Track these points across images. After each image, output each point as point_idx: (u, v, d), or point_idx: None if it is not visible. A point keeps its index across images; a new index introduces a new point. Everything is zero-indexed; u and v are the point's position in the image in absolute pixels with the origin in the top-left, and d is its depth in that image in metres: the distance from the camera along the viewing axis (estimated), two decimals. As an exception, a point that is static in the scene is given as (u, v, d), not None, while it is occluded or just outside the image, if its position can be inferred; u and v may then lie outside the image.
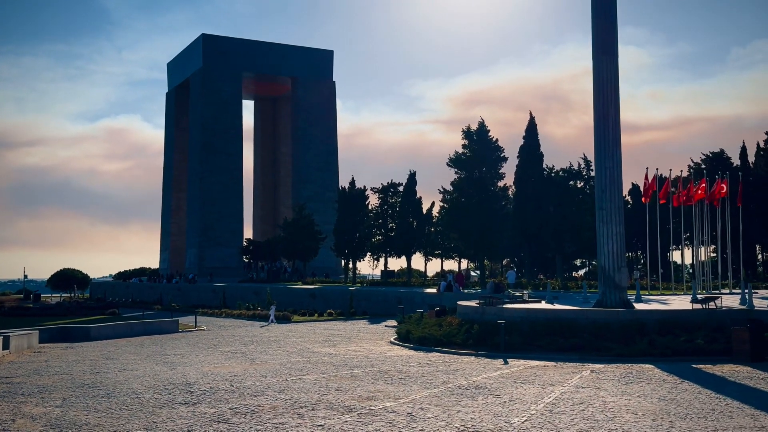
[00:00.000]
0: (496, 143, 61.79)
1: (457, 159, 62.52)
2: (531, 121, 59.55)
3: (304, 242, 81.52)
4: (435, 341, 28.20)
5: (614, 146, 30.75)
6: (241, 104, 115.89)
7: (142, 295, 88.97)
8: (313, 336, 35.85)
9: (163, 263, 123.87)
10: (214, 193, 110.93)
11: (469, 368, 21.96)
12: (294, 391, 17.77)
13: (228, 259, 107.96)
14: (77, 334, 36.85)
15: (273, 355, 27.14)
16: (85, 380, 20.63)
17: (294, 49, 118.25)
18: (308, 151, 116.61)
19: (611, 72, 31.00)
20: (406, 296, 52.55)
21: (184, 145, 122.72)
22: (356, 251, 74.14)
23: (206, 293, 77.34)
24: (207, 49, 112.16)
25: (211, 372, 22.11)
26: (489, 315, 28.77)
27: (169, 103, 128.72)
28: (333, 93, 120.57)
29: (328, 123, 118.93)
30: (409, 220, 69.82)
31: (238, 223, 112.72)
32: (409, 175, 71.84)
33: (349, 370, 22.06)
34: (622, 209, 30.95)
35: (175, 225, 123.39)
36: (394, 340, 31.35)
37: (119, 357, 27.37)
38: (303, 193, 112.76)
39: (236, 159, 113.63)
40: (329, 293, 62.37)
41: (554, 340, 25.34)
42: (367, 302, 56.54)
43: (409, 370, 21.78)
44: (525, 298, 34.81)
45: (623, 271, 30.32)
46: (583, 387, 17.84)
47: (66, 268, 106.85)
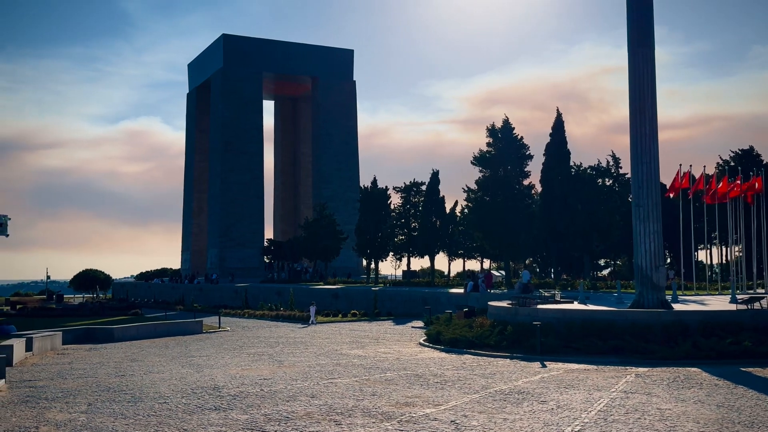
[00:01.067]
0: (521, 141, 60.78)
1: (481, 157, 61.57)
2: (558, 117, 58.37)
3: (326, 242, 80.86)
4: (467, 343, 27.33)
5: (651, 141, 29.72)
6: (262, 104, 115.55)
7: (164, 295, 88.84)
8: (340, 337, 35.11)
9: (184, 264, 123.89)
10: (234, 194, 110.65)
11: (507, 372, 21.08)
12: (327, 396, 17.01)
13: (249, 260, 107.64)
14: (101, 335, 36.39)
15: (301, 357, 26.42)
16: (111, 384, 20.02)
17: (314, 48, 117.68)
18: (328, 150, 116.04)
19: (648, 64, 29.95)
20: (431, 297, 51.70)
21: (204, 146, 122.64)
22: (378, 251, 73.38)
23: (228, 293, 76.95)
24: (227, 49, 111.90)
25: (239, 375, 21.42)
26: (522, 316, 27.86)
27: (189, 103, 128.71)
28: (353, 92, 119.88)
29: (348, 122, 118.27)
30: (432, 220, 68.95)
31: (258, 224, 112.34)
32: (432, 174, 71.04)
33: (382, 373, 21.27)
34: (660, 206, 29.91)
35: (196, 225, 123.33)
36: (424, 341, 30.51)
37: (144, 359, 26.79)
38: (323, 192, 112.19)
39: (257, 159, 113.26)
40: (352, 293, 61.68)
41: (593, 343, 24.38)
42: (391, 302, 55.75)
43: (444, 373, 20.94)
44: (557, 298, 33.82)
45: (661, 271, 29.29)
46: (633, 393, 16.90)
47: (88, 269, 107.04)
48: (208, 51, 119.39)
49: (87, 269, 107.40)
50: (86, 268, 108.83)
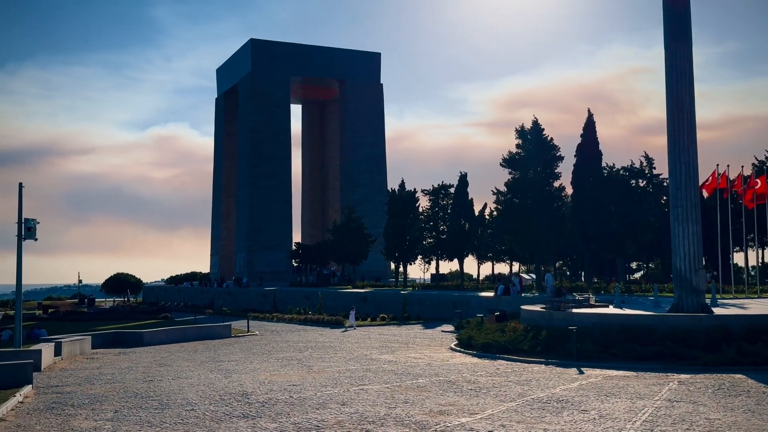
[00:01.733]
0: (551, 142, 59.93)
1: (510, 159, 60.83)
2: (589, 118, 57.44)
3: (354, 245, 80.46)
4: (500, 348, 26.64)
5: (690, 140, 28.79)
6: (290, 108, 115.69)
7: (193, 299, 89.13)
8: (369, 341, 34.60)
9: (213, 267, 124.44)
10: (263, 198, 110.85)
11: (543, 378, 20.39)
12: (358, 404, 16.50)
13: (277, 263, 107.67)
14: (130, 339, 36.31)
15: (330, 362, 25.95)
16: (138, 389, 19.72)
17: (341, 52, 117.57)
18: (356, 154, 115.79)
19: (686, 60, 29.04)
20: (460, 300, 50.97)
21: (233, 150, 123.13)
22: (407, 254, 72.85)
23: (256, 297, 76.89)
24: (255, 53, 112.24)
25: (268, 380, 21.00)
26: (557, 320, 27.10)
27: (218, 108, 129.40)
28: (381, 96, 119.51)
29: (375, 126, 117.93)
30: (460, 222, 68.20)
31: (286, 227, 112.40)
32: (460, 176, 70.34)
33: (413, 379, 20.70)
34: (699, 208, 28.97)
35: (225, 229, 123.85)
36: (455, 346, 29.87)
37: (173, 364, 26.52)
38: (351, 196, 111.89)
39: (285, 163, 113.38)
40: (381, 297, 61.14)
41: (632, 348, 23.56)
42: (420, 306, 55.10)
43: (478, 380, 20.31)
44: (591, 302, 32.98)
45: (700, 274, 28.33)
46: (678, 401, 16.14)
47: (119, 273, 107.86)
48: (236, 56, 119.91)
49: (118, 273, 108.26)
50: (117, 272, 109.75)
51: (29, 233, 27.91)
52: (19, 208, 28.30)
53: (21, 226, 28.09)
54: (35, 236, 28.07)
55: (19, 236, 28.20)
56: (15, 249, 28.45)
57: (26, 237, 28.08)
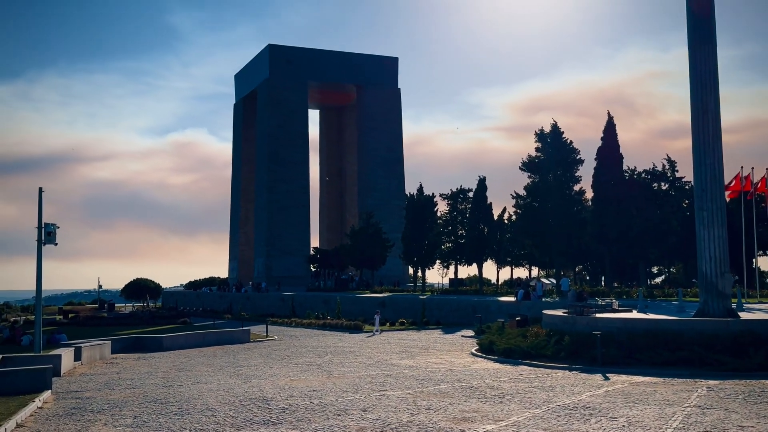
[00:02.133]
0: (570, 145, 59.40)
1: (529, 162, 60.38)
2: (609, 121, 56.76)
3: (372, 250, 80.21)
4: (522, 353, 26.25)
5: (715, 141, 28.29)
6: (307, 113, 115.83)
7: (212, 304, 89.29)
8: (388, 346, 34.29)
9: (232, 272, 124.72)
10: (281, 203, 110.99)
11: (568, 384, 19.99)
12: (380, 410, 16.21)
13: (295, 268, 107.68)
14: (150, 344, 36.26)
15: (350, 367, 25.68)
16: (158, 395, 19.56)
17: (359, 57, 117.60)
18: (374, 158, 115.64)
19: (710, 61, 28.56)
20: (480, 305, 50.55)
21: (251, 156, 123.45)
22: (425, 259, 72.44)
23: (275, 302, 76.84)
24: (273, 59, 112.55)
25: (288, 386, 20.78)
26: (580, 325, 26.66)
27: (236, 114, 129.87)
28: (398, 100, 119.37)
29: (393, 130, 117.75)
30: (479, 227, 67.67)
31: (304, 232, 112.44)
32: (479, 180, 69.74)
33: (435, 385, 20.38)
34: (725, 210, 28.44)
35: (243, 235, 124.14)
36: (476, 351, 29.50)
37: (192, 369, 26.38)
38: (368, 201, 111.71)
39: (303, 168, 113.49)
40: (399, 302, 60.83)
41: (658, 353, 23.09)
42: (440, 311, 54.72)
43: (501, 386, 19.95)
44: (614, 307, 32.44)
45: (727, 278, 27.80)
46: (708, 408, 15.70)
47: (139, 278, 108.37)
48: (254, 62, 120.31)
49: (138, 278, 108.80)
50: (137, 277, 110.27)
51: (49, 238, 27.95)
52: (39, 212, 28.36)
53: (41, 231, 28.15)
54: (55, 241, 28.09)
55: (39, 241, 28.26)
56: (36, 254, 28.52)
57: (46, 242, 28.13)
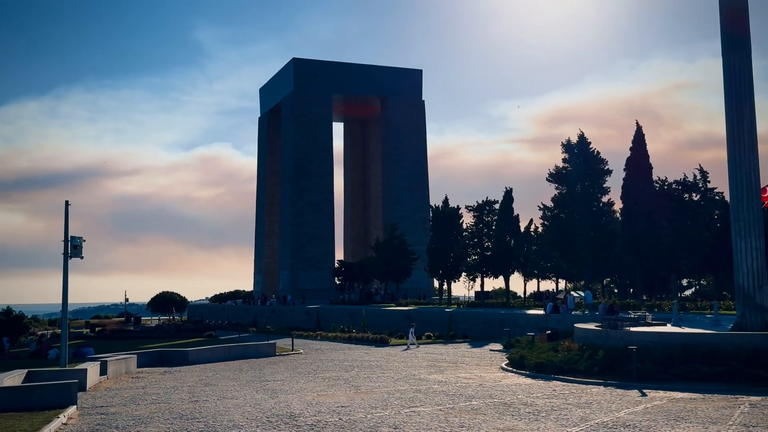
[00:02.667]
0: (598, 156, 58.68)
1: (557, 174, 59.67)
2: (638, 131, 55.96)
3: (397, 263, 79.75)
4: (554, 368, 25.59)
5: (751, 150, 27.55)
6: (332, 126, 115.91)
7: (237, 317, 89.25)
8: (416, 360, 33.76)
9: (257, 285, 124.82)
10: (305, 215, 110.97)
11: (604, 401, 19.34)
12: (411, 427, 15.73)
13: (320, 281, 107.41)
14: (175, 357, 36.07)
15: (378, 382, 25.21)
16: (184, 410, 19.25)
17: (383, 69, 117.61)
18: (398, 171, 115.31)
19: (744, 69, 27.88)
20: (508, 318, 49.83)
21: (276, 169, 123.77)
22: (451, 271, 71.81)
23: (300, 315, 76.57)
24: (298, 72, 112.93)
25: (316, 401, 20.37)
26: (614, 339, 25.96)
27: (261, 127, 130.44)
28: (422, 112, 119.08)
29: (417, 142, 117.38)
30: (506, 239, 66.97)
31: (329, 245, 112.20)
32: (505, 191, 69.11)
33: (467, 401, 19.84)
34: (762, 221, 27.62)
35: (268, 247, 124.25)
36: (506, 366, 28.88)
37: (218, 383, 26.08)
38: (393, 213, 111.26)
39: (327, 181, 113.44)
40: (425, 315, 60.23)
41: (695, 368, 22.35)
42: (466, 324, 54.03)
43: (534, 402, 19.36)
44: (648, 320, 31.66)
45: (765, 290, 26.94)
46: (754, 426, 15.02)
47: (165, 292, 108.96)
48: (279, 75, 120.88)
49: (164, 292, 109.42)
50: (163, 290, 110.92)
51: (75, 251, 27.90)
52: (66, 226, 28.36)
53: (67, 245, 28.11)
54: (81, 254, 28.04)
55: (65, 254, 28.22)
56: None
57: (72, 255, 28.09)
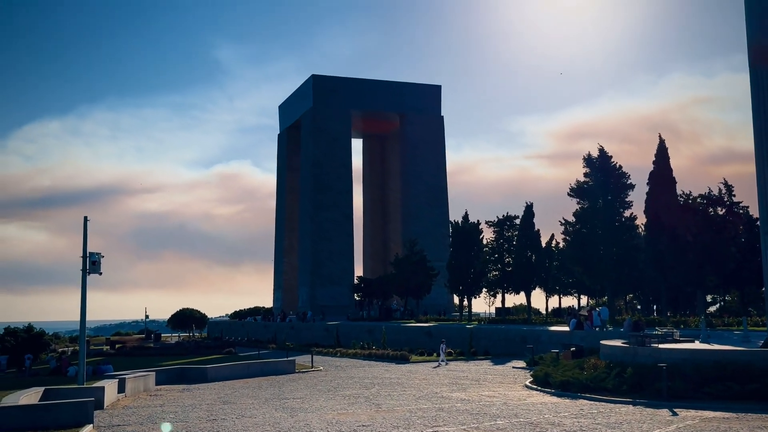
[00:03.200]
0: (620, 170, 57.90)
1: (578, 188, 58.92)
2: (661, 144, 55.14)
3: (417, 278, 79.16)
4: (580, 386, 24.90)
5: (781, 161, 26.83)
6: (350, 142, 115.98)
7: (257, 333, 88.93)
8: (437, 378, 33.16)
9: (276, 302, 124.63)
10: (324, 231, 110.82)
11: (634, 420, 18.68)
12: (435, 448, 15.22)
13: (339, 297, 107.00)
14: (194, 375, 35.75)
15: (399, 400, 24.67)
16: (202, 429, 18.85)
17: (401, 85, 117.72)
18: (417, 187, 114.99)
19: (773, 78, 27.20)
20: (530, 335, 49.03)
21: (295, 185, 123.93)
22: (471, 287, 71.08)
23: (319, 332, 76.10)
24: (317, 89, 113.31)
25: (336, 420, 19.88)
26: (642, 356, 25.23)
27: (280, 143, 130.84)
28: (441, 128, 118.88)
29: (436, 158, 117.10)
30: (527, 254, 66.19)
31: (348, 261, 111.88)
32: (526, 206, 68.41)
33: (491, 420, 19.26)
34: (793, 234, 26.84)
35: (287, 264, 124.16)
36: (530, 383, 28.21)
37: (237, 401, 25.68)
38: (412, 229, 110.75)
39: (346, 197, 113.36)
40: (446, 331, 59.46)
41: (728, 387, 21.59)
42: (488, 341, 53.27)
43: (562, 422, 18.74)
44: (675, 336, 30.84)
45: (798, 306, 26.15)
46: (796, 449, 14.34)
47: (185, 308, 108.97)
48: (298, 92, 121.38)
49: (184, 308, 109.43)
50: (183, 307, 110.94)
51: (94, 267, 27.73)
52: (84, 242, 28.22)
53: (86, 261, 27.95)
54: (100, 270, 27.86)
55: (84, 270, 28.05)
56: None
57: (91, 271, 27.91)
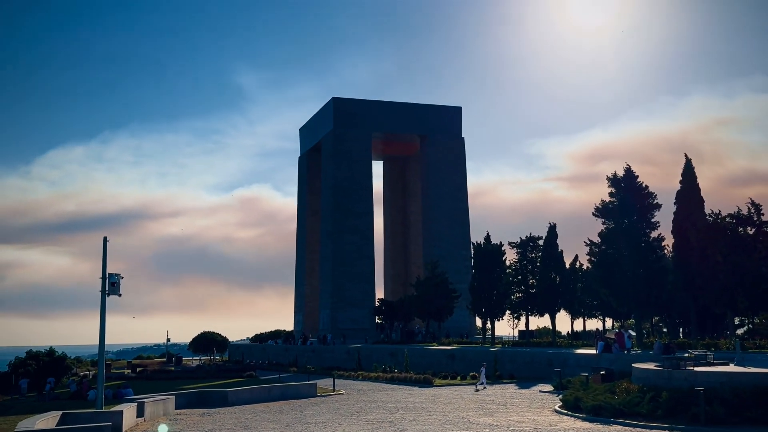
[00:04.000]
0: (646, 189, 56.89)
1: (603, 208, 57.90)
2: (687, 163, 54.23)
3: (438, 301, 78.30)
4: (613, 411, 24.00)
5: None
6: (371, 164, 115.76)
7: (277, 357, 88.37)
8: (462, 402, 32.30)
9: (297, 325, 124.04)
10: (345, 254, 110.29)
11: (673, 447, 17.80)
12: (465, 476, 14.45)
13: (360, 320, 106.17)
14: (215, 398, 35.20)
15: (425, 425, 23.90)
16: (221, 455, 18.22)
17: (422, 107, 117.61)
18: (438, 209, 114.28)
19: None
20: (556, 358, 48.02)
21: (316, 207, 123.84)
22: (495, 309, 70.06)
23: (340, 355, 75.37)
24: (337, 111, 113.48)
25: (360, 446, 19.16)
26: (677, 380, 24.29)
27: (301, 166, 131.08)
28: (462, 149, 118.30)
29: (457, 179, 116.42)
30: (551, 276, 65.12)
31: (369, 284, 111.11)
32: (549, 227, 67.48)
33: (522, 447, 18.45)
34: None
35: (308, 286, 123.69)
36: (560, 408, 27.31)
37: (257, 426, 25.03)
38: (434, 251, 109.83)
39: (367, 219, 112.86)
40: (469, 354, 58.61)
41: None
42: (512, 364, 52.27)
43: (597, 448, 17.90)
44: (710, 359, 29.80)
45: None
46: None
47: (206, 332, 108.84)
48: (318, 114, 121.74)
49: (205, 332, 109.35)
50: (204, 330, 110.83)
51: (113, 288, 27.34)
52: (104, 262, 27.87)
53: (105, 282, 27.57)
54: (119, 291, 27.47)
55: (102, 292, 27.65)
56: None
57: (110, 292, 27.49)
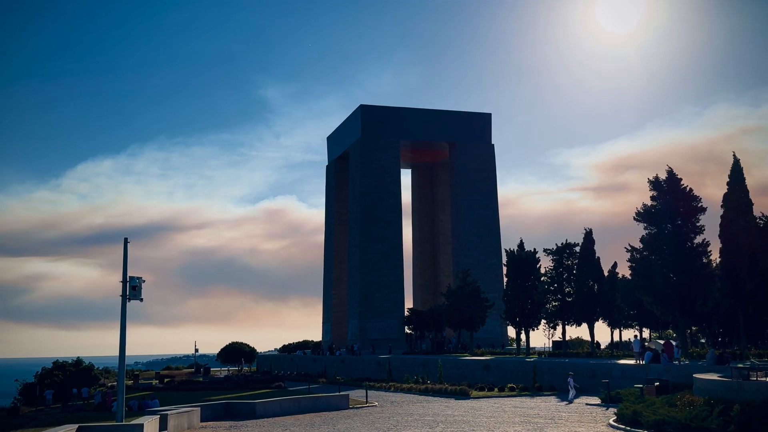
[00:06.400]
0: (690, 192, 54.34)
1: (645, 212, 55.41)
2: (735, 164, 51.57)
3: (470, 310, 76.04)
4: (678, 426, 21.81)
5: None
6: (399, 172, 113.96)
7: (306, 367, 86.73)
8: (505, 416, 30.19)
9: (325, 335, 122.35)
10: (374, 263, 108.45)
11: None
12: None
13: (389, 330, 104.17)
14: (242, 410, 33.51)
15: (469, 441, 21.91)
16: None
17: (451, 114, 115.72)
18: (468, 216, 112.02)
19: None
20: (599, 369, 45.65)
21: (344, 216, 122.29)
22: (529, 319, 67.67)
23: (371, 365, 73.44)
24: (365, 119, 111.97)
25: (402, 465, 17.25)
26: (749, 392, 22.04)
27: (328, 175, 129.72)
28: (492, 156, 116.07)
29: (487, 186, 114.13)
30: (589, 283, 62.55)
31: (398, 293, 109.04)
32: (585, 233, 64.93)
33: (586, 467, 16.40)
34: None
35: (336, 296, 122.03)
36: (616, 423, 25.13)
37: (287, 440, 23.24)
38: (463, 260, 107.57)
39: (395, 228, 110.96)
40: (505, 365, 56.37)
41: None
42: (551, 375, 49.91)
43: (673, 470, 15.79)
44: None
45: None
46: None
47: (234, 342, 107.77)
48: (346, 123, 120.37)
49: (233, 342, 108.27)
50: (232, 341, 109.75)
51: (134, 292, 25.75)
52: (124, 265, 26.31)
53: (125, 285, 25.97)
54: (140, 296, 25.89)
55: (123, 296, 26.06)
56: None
57: (131, 296, 25.88)
